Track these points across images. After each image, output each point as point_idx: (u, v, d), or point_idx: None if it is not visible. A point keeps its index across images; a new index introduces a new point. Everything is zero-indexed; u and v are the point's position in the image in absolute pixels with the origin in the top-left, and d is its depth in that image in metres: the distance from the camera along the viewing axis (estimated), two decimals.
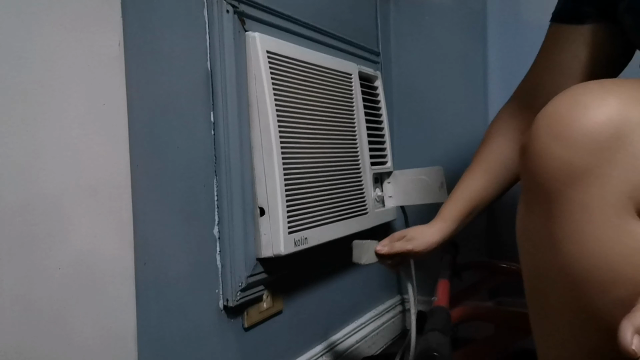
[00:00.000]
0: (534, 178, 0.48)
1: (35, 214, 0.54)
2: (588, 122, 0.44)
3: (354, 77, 1.14)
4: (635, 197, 0.44)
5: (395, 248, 0.83)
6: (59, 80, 0.57)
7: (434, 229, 0.82)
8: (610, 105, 0.44)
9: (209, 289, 0.82)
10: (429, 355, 0.70)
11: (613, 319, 0.46)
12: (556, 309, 0.53)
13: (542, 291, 0.54)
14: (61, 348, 0.56)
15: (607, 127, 0.44)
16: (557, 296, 0.51)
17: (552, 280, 0.51)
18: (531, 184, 0.49)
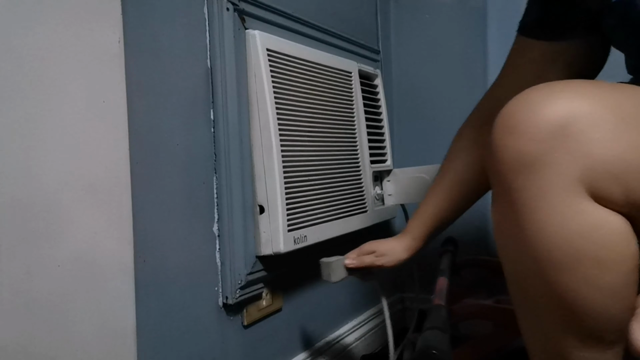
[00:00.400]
0: (495, 171, 0.51)
1: (34, 211, 0.54)
2: (537, 115, 0.48)
3: (353, 75, 1.13)
4: (585, 179, 0.47)
5: (365, 262, 0.87)
6: (59, 77, 0.57)
7: (403, 246, 0.86)
8: (558, 100, 0.48)
9: (209, 286, 0.82)
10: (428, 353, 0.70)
11: (579, 295, 0.49)
12: (532, 295, 0.54)
13: (518, 281, 0.56)
14: (61, 344, 0.56)
15: (554, 118, 0.47)
16: (531, 282, 0.53)
17: (524, 266, 0.53)
18: (494, 177, 0.52)
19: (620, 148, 0.47)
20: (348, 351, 1.17)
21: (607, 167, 0.47)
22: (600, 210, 0.48)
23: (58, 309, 0.56)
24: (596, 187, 0.47)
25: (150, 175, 0.73)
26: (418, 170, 1.22)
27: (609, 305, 0.49)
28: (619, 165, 0.47)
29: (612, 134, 0.47)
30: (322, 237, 0.97)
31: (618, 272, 0.48)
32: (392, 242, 0.87)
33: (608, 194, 0.47)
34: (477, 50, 1.36)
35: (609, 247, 0.48)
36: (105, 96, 0.62)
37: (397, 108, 1.45)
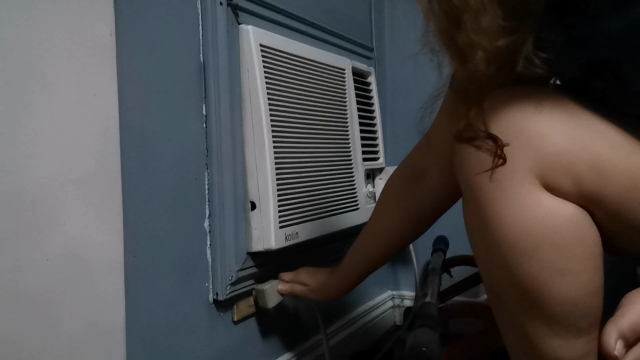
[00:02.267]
0: (460, 175, 0.55)
1: (23, 204, 0.54)
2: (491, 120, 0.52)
3: (347, 72, 1.13)
4: (538, 172, 0.50)
5: (296, 292, 0.91)
6: (50, 70, 0.56)
7: (335, 287, 0.88)
8: (504, 104, 0.52)
9: (199, 282, 0.82)
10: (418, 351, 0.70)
11: (540, 281, 0.51)
12: (500, 286, 0.56)
13: (487, 274, 0.58)
14: (49, 339, 0.55)
15: (503, 120, 0.51)
16: (497, 273, 0.55)
17: (491, 258, 0.55)
18: (460, 181, 0.56)
19: (567, 141, 0.50)
20: (339, 349, 1.17)
21: (557, 160, 0.49)
22: (554, 199, 0.50)
23: (46, 304, 0.55)
24: (549, 179, 0.50)
25: (141, 170, 0.72)
26: None
27: (571, 291, 0.51)
28: (567, 157, 0.49)
29: (559, 128, 0.50)
30: (314, 234, 0.97)
31: (576, 257, 0.51)
32: (325, 278, 0.89)
33: (560, 185, 0.50)
34: None
35: (565, 233, 0.50)
36: (96, 89, 0.62)
37: (390, 106, 1.45)
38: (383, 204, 0.83)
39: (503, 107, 0.52)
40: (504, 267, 0.53)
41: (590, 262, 0.51)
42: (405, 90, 1.44)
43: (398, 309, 1.48)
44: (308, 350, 1.06)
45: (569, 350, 0.54)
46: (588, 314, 0.52)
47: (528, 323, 0.54)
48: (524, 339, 0.56)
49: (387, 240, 0.82)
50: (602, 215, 0.52)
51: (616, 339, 0.44)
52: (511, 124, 0.51)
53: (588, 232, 0.51)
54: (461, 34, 0.48)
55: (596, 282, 0.52)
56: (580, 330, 0.53)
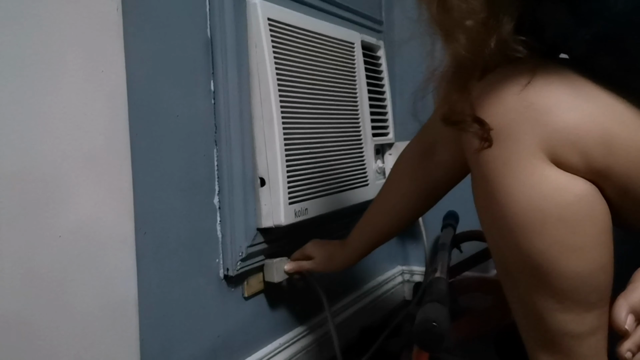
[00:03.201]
0: (468, 151, 0.55)
1: (34, 182, 0.54)
2: (495, 95, 0.51)
3: (356, 46, 1.12)
4: (546, 147, 0.49)
5: (303, 268, 0.92)
6: (57, 47, 0.56)
7: (343, 257, 0.88)
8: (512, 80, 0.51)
9: (210, 258, 0.82)
10: (427, 326, 0.71)
11: (549, 257, 0.51)
12: (508, 262, 0.56)
13: (497, 248, 0.58)
14: (62, 315, 0.56)
15: (511, 94, 0.51)
16: (506, 249, 0.55)
17: (500, 234, 0.55)
18: (468, 157, 0.56)
19: (576, 116, 0.49)
20: (349, 323, 1.18)
21: (565, 135, 0.49)
22: (563, 174, 0.50)
23: (59, 280, 0.56)
24: (557, 155, 0.50)
25: (150, 147, 0.72)
26: None
27: (580, 266, 0.51)
28: (576, 132, 0.49)
29: (568, 103, 0.50)
30: (323, 210, 0.97)
31: (585, 232, 0.51)
32: (333, 250, 0.90)
33: (568, 160, 0.50)
34: None
35: (573, 208, 0.50)
36: (104, 66, 0.61)
37: (399, 80, 1.43)
38: (394, 177, 0.84)
39: (503, 85, 0.51)
40: (513, 244, 0.53)
41: (600, 237, 0.51)
42: (415, 64, 1.42)
43: (408, 284, 1.48)
44: (317, 325, 1.07)
45: (579, 325, 0.54)
46: (598, 288, 0.52)
47: (538, 298, 0.55)
48: (534, 314, 0.56)
49: (397, 213, 0.83)
50: (611, 190, 0.51)
51: (627, 313, 0.44)
52: (517, 100, 0.50)
53: (597, 207, 0.51)
54: (446, 15, 0.51)
55: (606, 257, 0.52)
56: (590, 305, 0.53)
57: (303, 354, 1.02)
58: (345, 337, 1.17)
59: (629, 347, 0.44)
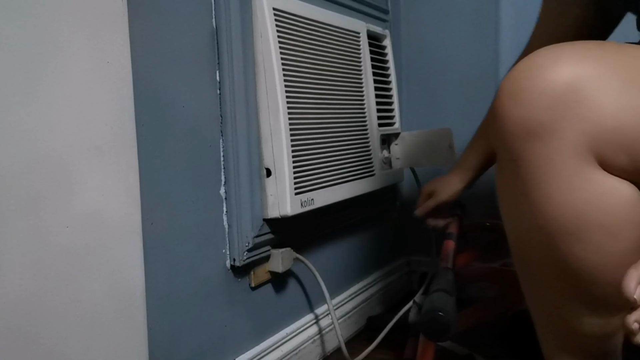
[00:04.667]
0: (499, 138, 0.51)
1: (41, 173, 0.54)
2: (542, 80, 0.46)
3: (362, 36, 1.11)
4: (593, 147, 0.46)
5: (429, 206, 1.02)
6: (63, 38, 0.56)
7: (458, 179, 0.98)
8: (564, 63, 0.46)
9: (216, 248, 0.82)
10: (434, 316, 0.71)
11: (587, 264, 0.49)
12: (537, 264, 0.54)
13: (522, 247, 0.56)
14: (71, 302, 0.57)
15: (560, 83, 0.46)
16: (536, 249, 0.53)
17: (529, 234, 0.52)
18: (498, 144, 0.52)
19: (627, 115, 0.46)
20: (355, 313, 1.19)
21: (615, 135, 0.46)
22: (608, 177, 0.47)
23: (67, 269, 0.56)
24: (604, 155, 0.46)
25: (157, 138, 0.72)
26: (426, 134, 1.21)
27: (617, 273, 0.48)
28: (626, 132, 0.46)
29: (620, 101, 0.46)
30: (329, 200, 0.97)
31: (627, 238, 0.48)
32: (448, 177, 0.99)
33: (615, 161, 0.47)
34: (489, 11, 1.32)
35: (617, 214, 0.47)
36: (110, 57, 0.61)
37: (405, 70, 1.43)
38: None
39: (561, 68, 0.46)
40: (545, 246, 0.51)
41: (639, 243, 0.49)
42: (421, 53, 1.41)
43: (414, 274, 1.49)
44: (324, 315, 1.08)
45: (603, 327, 0.53)
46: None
47: (564, 302, 0.53)
48: (555, 315, 0.55)
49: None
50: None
51: (637, 284, 0.42)
52: (567, 92, 0.46)
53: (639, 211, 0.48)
54: None
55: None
56: (620, 309, 0.50)
57: (309, 343, 1.03)
58: (351, 326, 1.18)
59: (637, 318, 0.42)
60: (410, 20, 1.41)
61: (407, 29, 1.42)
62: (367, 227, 1.29)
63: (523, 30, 1.21)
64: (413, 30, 1.41)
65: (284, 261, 0.91)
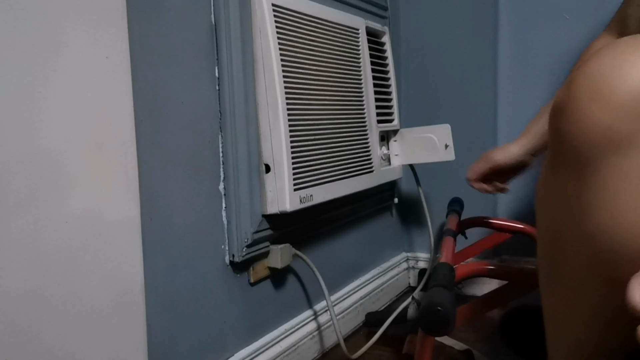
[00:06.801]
0: (568, 141, 0.45)
1: (40, 168, 0.54)
2: (635, 84, 0.40)
3: (361, 32, 1.11)
4: None
5: (480, 168, 0.99)
6: (61, 33, 0.56)
7: (517, 144, 0.95)
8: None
9: (215, 244, 0.83)
10: (432, 310, 0.71)
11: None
12: (573, 273, 0.51)
13: (559, 255, 0.53)
14: (71, 298, 0.57)
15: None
16: (576, 261, 0.50)
17: (575, 247, 0.49)
18: (563, 146, 0.46)
19: None
20: (354, 309, 1.19)
21: None
22: None
23: (66, 265, 0.56)
24: None
25: (156, 133, 0.72)
26: (425, 130, 1.21)
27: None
28: None
29: None
30: (328, 197, 0.97)
31: None
32: (509, 143, 0.96)
33: None
34: (488, 8, 1.32)
35: None
36: (108, 52, 0.61)
37: (404, 66, 1.43)
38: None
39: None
40: (592, 260, 0.47)
41: None
42: (420, 50, 1.41)
43: (413, 271, 1.49)
44: (323, 311, 1.08)
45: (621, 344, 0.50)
46: None
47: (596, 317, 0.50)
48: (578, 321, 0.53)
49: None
50: None
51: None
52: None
53: None
54: None
55: None
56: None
57: (308, 339, 1.03)
58: (350, 322, 1.18)
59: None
60: (409, 17, 1.41)
61: (406, 25, 1.42)
62: (366, 223, 1.29)
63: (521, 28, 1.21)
64: (412, 27, 1.41)
65: (283, 257, 0.91)
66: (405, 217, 1.47)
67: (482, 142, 1.35)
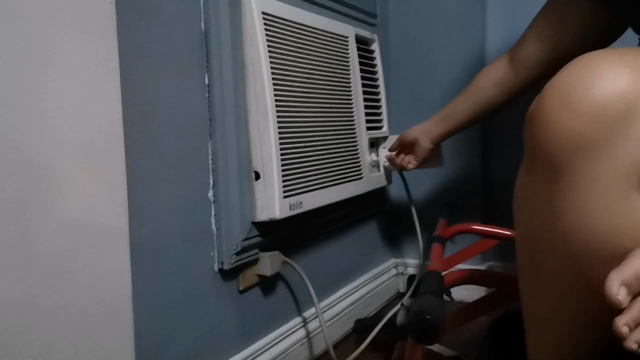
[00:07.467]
0: (541, 146, 0.47)
1: (28, 175, 0.54)
2: (602, 93, 0.43)
3: (350, 40, 1.12)
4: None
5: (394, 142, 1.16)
6: (50, 39, 0.56)
7: (432, 124, 1.08)
8: (625, 77, 0.43)
9: (204, 252, 0.82)
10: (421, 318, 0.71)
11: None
12: (550, 276, 0.53)
13: (536, 258, 0.54)
14: (59, 305, 0.56)
15: (621, 99, 0.43)
16: (553, 264, 0.52)
17: (549, 248, 0.51)
18: (537, 151, 0.48)
19: None
20: (343, 315, 1.19)
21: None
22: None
23: (55, 272, 0.56)
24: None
25: (145, 140, 0.72)
26: None
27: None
28: None
29: None
30: (318, 204, 0.97)
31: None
32: (429, 122, 1.09)
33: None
34: (476, 16, 1.34)
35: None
36: (98, 59, 0.61)
37: (394, 73, 1.44)
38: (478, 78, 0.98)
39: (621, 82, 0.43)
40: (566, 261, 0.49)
41: None
42: (409, 57, 1.42)
43: (402, 277, 1.49)
44: (312, 318, 1.08)
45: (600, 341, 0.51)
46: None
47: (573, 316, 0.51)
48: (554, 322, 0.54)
49: (477, 105, 0.98)
50: None
51: (618, 285, 0.41)
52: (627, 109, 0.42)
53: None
54: None
55: None
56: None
57: (298, 346, 1.03)
58: (340, 328, 1.18)
59: (626, 322, 0.41)
60: (399, 25, 1.42)
61: (395, 33, 1.43)
62: (356, 230, 1.29)
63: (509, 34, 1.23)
64: (401, 35, 1.42)
65: (272, 264, 0.91)
66: (395, 223, 1.47)
67: (470, 148, 1.36)
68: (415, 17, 1.40)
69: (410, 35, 1.41)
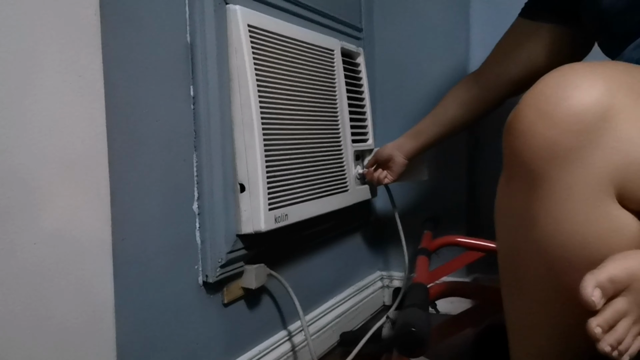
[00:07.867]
0: (517, 155, 0.48)
1: (10, 187, 0.53)
2: (576, 102, 0.44)
3: (336, 53, 1.12)
4: (616, 178, 0.45)
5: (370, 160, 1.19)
6: (33, 50, 0.55)
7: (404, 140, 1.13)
8: (599, 87, 0.44)
9: (189, 265, 0.81)
10: (407, 331, 0.71)
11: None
12: (530, 284, 0.54)
13: (517, 267, 0.55)
14: (40, 319, 0.55)
15: (594, 108, 0.44)
16: (533, 272, 0.52)
17: (529, 257, 0.52)
18: (514, 161, 0.49)
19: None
20: (329, 328, 1.18)
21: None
22: (622, 213, 0.46)
23: (36, 285, 0.55)
24: (625, 187, 0.45)
25: (129, 152, 0.71)
26: None
27: None
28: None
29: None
30: (303, 216, 0.97)
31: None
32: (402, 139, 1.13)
33: (635, 195, 0.45)
34: (460, 29, 1.35)
35: (624, 249, 0.46)
36: (81, 71, 0.61)
37: (379, 86, 1.44)
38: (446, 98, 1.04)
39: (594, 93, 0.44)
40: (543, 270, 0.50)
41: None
42: (395, 70, 1.43)
43: (387, 289, 1.49)
44: (297, 331, 1.07)
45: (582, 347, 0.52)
46: None
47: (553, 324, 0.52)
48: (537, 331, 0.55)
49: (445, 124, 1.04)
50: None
51: (593, 287, 0.42)
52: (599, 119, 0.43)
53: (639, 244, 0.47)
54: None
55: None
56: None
57: (283, 359, 1.02)
58: (325, 341, 1.17)
59: (598, 323, 0.42)
60: (384, 38, 1.43)
61: (380, 46, 1.44)
62: (341, 243, 1.29)
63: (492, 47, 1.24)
64: (386, 48, 1.43)
65: (257, 277, 0.91)
66: (380, 236, 1.48)
67: (456, 161, 1.37)
68: (401, 31, 1.42)
69: (396, 49, 1.42)
